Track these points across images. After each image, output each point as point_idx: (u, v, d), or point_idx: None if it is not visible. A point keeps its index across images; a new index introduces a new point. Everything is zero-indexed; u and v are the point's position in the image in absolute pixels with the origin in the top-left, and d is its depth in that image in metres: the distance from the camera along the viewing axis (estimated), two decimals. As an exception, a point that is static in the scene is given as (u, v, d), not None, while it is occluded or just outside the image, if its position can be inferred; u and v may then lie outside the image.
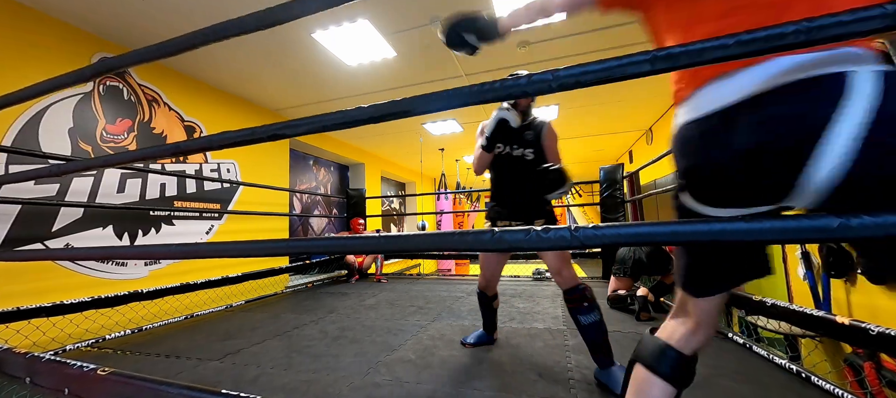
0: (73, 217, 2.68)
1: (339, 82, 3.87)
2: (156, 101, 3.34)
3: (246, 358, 1.96)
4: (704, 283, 0.75)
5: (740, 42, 0.48)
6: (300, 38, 3.03)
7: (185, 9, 2.57)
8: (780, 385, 1.48)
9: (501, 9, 2.72)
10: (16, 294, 2.28)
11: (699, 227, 0.50)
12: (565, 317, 2.56)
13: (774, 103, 0.55)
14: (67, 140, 2.69)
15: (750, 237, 0.48)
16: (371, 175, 7.24)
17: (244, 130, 0.82)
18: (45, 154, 2.34)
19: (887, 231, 0.42)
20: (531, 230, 0.57)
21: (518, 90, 0.61)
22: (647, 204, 6.39)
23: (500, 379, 1.60)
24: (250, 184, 3.87)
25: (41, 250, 2.33)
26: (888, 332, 1.15)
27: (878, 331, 1.17)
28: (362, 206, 4.79)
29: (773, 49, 0.47)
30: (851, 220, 0.43)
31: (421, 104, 0.69)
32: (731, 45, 0.48)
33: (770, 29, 0.46)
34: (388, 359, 1.87)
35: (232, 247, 0.88)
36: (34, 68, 2.49)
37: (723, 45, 0.49)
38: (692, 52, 0.51)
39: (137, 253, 1.03)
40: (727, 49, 0.49)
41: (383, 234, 0.71)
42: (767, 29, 0.47)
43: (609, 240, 0.56)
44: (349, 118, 0.73)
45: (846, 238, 0.44)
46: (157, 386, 0.93)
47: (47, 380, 1.11)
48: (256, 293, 3.58)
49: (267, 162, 4.54)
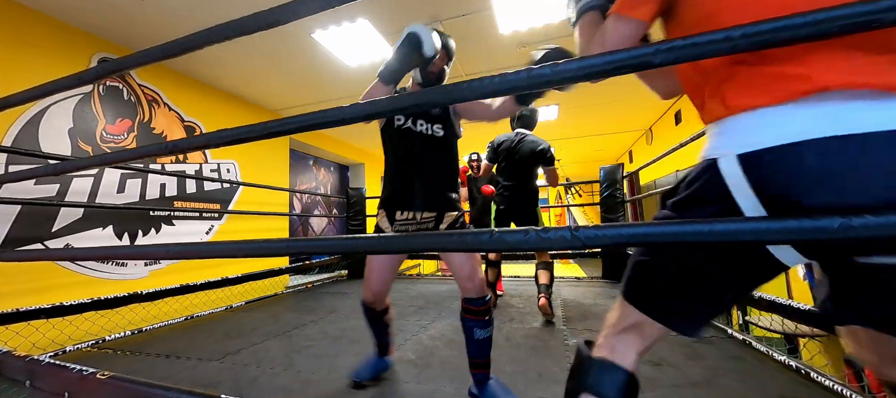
0: (73, 217, 2.67)
1: (339, 82, 3.87)
2: (156, 101, 3.34)
3: (246, 358, 1.95)
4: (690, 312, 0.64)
5: (746, 35, 0.47)
6: (300, 38, 3.03)
7: (183, 9, 2.57)
8: (780, 383, 1.48)
9: (501, 9, 2.72)
10: (16, 294, 2.28)
11: (700, 228, 0.50)
12: (566, 317, 2.55)
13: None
14: (67, 140, 2.68)
15: (751, 237, 0.48)
16: (371, 175, 7.24)
17: (242, 128, 0.81)
18: (45, 154, 2.34)
19: (889, 231, 0.41)
20: (531, 230, 0.57)
21: (519, 84, 0.61)
22: (647, 204, 6.39)
23: (500, 379, 1.60)
24: (250, 184, 3.87)
25: (41, 250, 2.33)
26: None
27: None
28: (362, 206, 4.79)
29: (780, 42, 0.46)
30: (852, 220, 0.43)
31: (419, 101, 0.69)
32: (737, 37, 0.48)
33: (777, 21, 0.46)
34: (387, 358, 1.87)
35: (232, 247, 0.87)
36: (34, 68, 2.49)
37: (728, 38, 0.48)
38: (696, 45, 0.50)
39: (137, 253, 1.03)
40: (733, 41, 0.48)
41: (384, 235, 0.71)
42: (773, 21, 0.46)
43: (609, 241, 0.56)
44: (348, 115, 0.73)
45: (847, 238, 0.44)
46: (157, 390, 0.93)
47: (47, 383, 1.11)
48: (256, 294, 3.58)
49: (267, 162, 4.54)
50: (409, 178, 1.43)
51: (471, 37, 3.10)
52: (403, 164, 1.45)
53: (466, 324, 1.40)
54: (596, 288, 3.53)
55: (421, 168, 1.43)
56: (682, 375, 1.58)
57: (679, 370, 1.63)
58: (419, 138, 1.43)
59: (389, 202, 1.45)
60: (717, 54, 0.50)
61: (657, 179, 5.64)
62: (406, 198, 1.43)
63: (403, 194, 1.43)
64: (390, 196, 1.45)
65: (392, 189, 1.46)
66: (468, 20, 2.87)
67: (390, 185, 1.47)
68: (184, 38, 0.95)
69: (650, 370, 1.61)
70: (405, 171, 1.44)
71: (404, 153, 1.44)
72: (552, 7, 2.72)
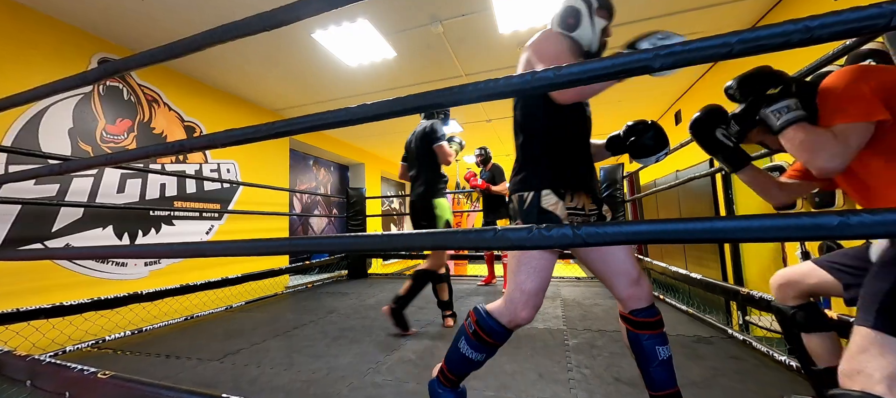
0: (73, 217, 2.67)
1: (340, 82, 3.88)
2: (156, 101, 3.34)
3: (246, 358, 1.96)
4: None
5: (743, 41, 0.48)
6: (300, 38, 3.03)
7: (184, 9, 2.57)
8: (780, 383, 1.48)
9: (501, 9, 2.72)
10: (16, 293, 2.28)
11: (700, 226, 0.50)
12: (566, 316, 2.56)
13: None
14: (67, 140, 2.68)
15: (751, 235, 0.48)
16: (371, 175, 7.24)
17: (249, 128, 0.82)
18: (45, 154, 2.34)
19: (887, 228, 0.42)
20: (534, 228, 0.58)
21: (523, 86, 0.61)
22: (646, 203, 6.39)
23: (500, 379, 1.60)
24: (250, 184, 3.86)
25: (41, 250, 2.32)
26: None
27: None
28: (362, 206, 4.80)
29: (777, 47, 0.47)
30: (850, 218, 0.44)
31: (422, 103, 0.69)
32: (734, 42, 0.49)
33: (773, 27, 0.47)
34: (388, 359, 1.87)
35: (232, 247, 0.88)
36: (34, 68, 2.49)
37: (725, 44, 0.49)
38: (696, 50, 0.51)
39: (137, 252, 1.04)
40: (730, 47, 0.49)
41: (383, 234, 0.72)
42: (770, 27, 0.47)
43: (610, 240, 0.56)
44: (351, 116, 0.73)
45: (844, 236, 0.45)
46: (158, 389, 0.93)
47: (48, 383, 1.12)
48: (256, 294, 3.58)
49: (267, 162, 4.54)
50: (581, 160, 1.20)
51: (471, 37, 3.10)
52: (575, 143, 1.21)
53: (643, 343, 1.08)
54: (596, 288, 3.54)
55: (586, 153, 1.24)
56: (683, 375, 1.58)
57: (679, 370, 1.62)
58: (586, 120, 1.25)
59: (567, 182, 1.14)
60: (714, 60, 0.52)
61: (657, 179, 5.64)
62: (582, 180, 1.18)
63: (578, 176, 1.18)
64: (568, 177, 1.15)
65: (564, 170, 1.16)
66: (468, 20, 2.88)
67: (560, 165, 1.16)
68: (186, 39, 0.96)
69: (650, 369, 1.62)
70: (585, 157, 1.22)
71: (572, 131, 1.21)
72: (552, 7, 2.72)
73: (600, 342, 2.01)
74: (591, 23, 1.17)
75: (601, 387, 1.50)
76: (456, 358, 1.18)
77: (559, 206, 1.11)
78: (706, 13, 2.85)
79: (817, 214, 0.45)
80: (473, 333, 1.15)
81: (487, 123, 5.51)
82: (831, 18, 0.45)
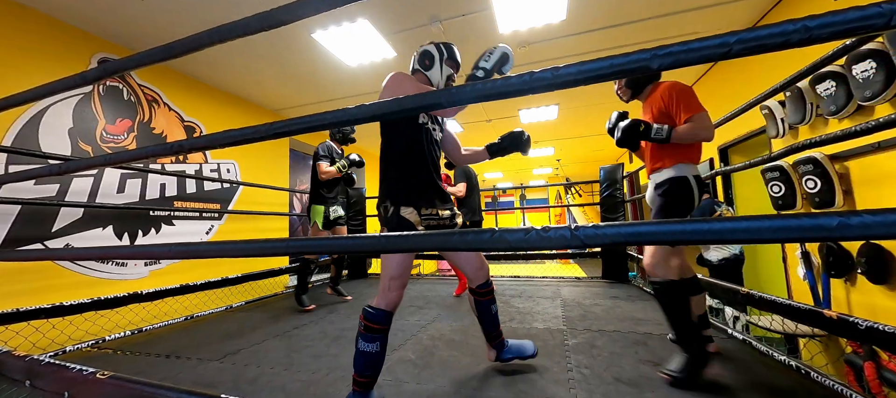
0: (73, 217, 2.68)
1: (340, 82, 3.88)
2: (156, 101, 3.34)
3: (246, 358, 1.96)
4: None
5: (741, 41, 0.48)
6: (300, 38, 3.03)
7: (183, 9, 2.57)
8: (780, 382, 1.48)
9: (501, 9, 2.72)
10: (16, 294, 2.28)
11: (700, 226, 0.50)
12: (566, 316, 2.56)
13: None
14: (67, 140, 2.69)
15: (750, 236, 0.48)
16: (371, 175, 7.23)
17: (249, 128, 0.82)
18: (45, 154, 2.34)
19: (888, 229, 0.42)
20: (532, 229, 0.57)
21: (522, 87, 0.61)
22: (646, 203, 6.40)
23: (500, 379, 1.60)
24: (250, 184, 3.86)
25: (41, 250, 2.33)
26: (876, 327, 1.16)
27: (866, 325, 1.18)
28: (362, 206, 4.79)
29: (776, 47, 0.47)
30: (851, 219, 0.43)
31: (422, 103, 0.69)
32: (733, 42, 0.49)
33: (772, 27, 0.47)
34: (388, 359, 1.87)
35: (232, 247, 0.88)
36: (34, 68, 2.49)
37: (724, 44, 0.49)
38: (694, 50, 0.51)
39: (137, 253, 1.03)
40: (728, 47, 0.49)
41: (383, 234, 0.72)
42: (769, 27, 0.47)
43: (609, 240, 0.56)
44: (351, 116, 0.73)
45: (844, 237, 0.44)
46: (157, 389, 0.93)
47: (47, 383, 1.11)
48: (256, 294, 3.58)
49: (267, 162, 4.54)
50: (429, 173, 1.49)
51: (471, 37, 3.10)
52: (421, 159, 1.48)
53: (483, 305, 1.61)
54: (596, 288, 3.53)
55: (435, 165, 1.54)
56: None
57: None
58: (430, 136, 1.54)
59: (415, 196, 1.44)
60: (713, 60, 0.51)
61: (657, 179, 5.64)
62: (430, 192, 1.48)
63: (427, 189, 1.48)
64: (414, 189, 1.45)
65: (415, 183, 1.46)
66: (468, 20, 2.87)
67: (411, 179, 1.46)
68: (186, 39, 0.96)
69: (650, 370, 1.62)
70: (425, 167, 1.49)
71: (419, 149, 1.49)
72: (552, 7, 2.72)
73: (600, 342, 2.01)
74: (440, 68, 1.53)
75: (601, 387, 1.50)
76: (359, 359, 1.37)
77: (414, 214, 1.42)
78: (706, 13, 2.85)
79: (817, 215, 0.45)
80: (365, 328, 1.36)
81: (487, 123, 5.51)
82: (830, 18, 0.45)
